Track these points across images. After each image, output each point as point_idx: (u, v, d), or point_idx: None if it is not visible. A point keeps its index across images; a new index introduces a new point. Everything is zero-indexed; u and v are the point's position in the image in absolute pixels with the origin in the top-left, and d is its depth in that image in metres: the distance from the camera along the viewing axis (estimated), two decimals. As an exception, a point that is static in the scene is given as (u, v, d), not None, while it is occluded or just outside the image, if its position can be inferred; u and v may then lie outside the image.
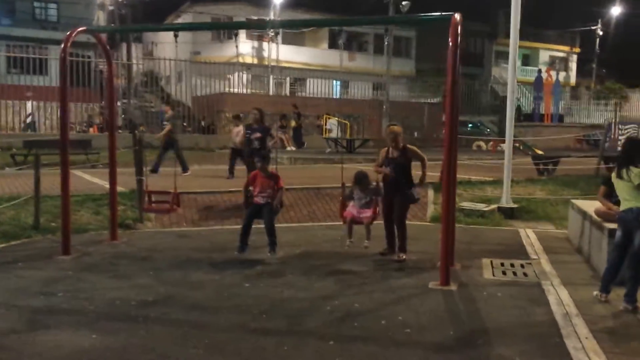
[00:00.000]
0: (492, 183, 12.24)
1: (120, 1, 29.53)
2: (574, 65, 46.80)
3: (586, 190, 11.43)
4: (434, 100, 33.86)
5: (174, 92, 32.54)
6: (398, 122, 8.12)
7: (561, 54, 46.03)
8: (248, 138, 10.03)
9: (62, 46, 6.97)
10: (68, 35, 7.03)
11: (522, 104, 35.83)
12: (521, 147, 21.03)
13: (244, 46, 33.78)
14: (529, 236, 8.43)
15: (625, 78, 41.42)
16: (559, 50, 45.84)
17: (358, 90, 35.15)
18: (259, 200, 6.99)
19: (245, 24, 24.22)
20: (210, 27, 33.09)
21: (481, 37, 41.13)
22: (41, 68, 23.75)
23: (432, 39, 32.15)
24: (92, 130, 23.66)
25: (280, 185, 7.05)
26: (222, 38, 34.48)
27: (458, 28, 5.78)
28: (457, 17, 5.82)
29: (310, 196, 10.83)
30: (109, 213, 8.03)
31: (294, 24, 29.44)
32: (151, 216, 9.09)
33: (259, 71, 33.68)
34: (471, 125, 31.80)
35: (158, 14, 31.54)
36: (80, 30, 7.18)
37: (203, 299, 5.40)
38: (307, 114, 26.47)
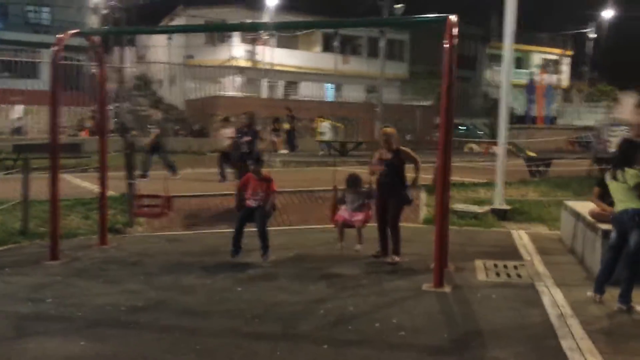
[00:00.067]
0: (485, 185, 12.24)
1: (113, 5, 29.41)
2: (566, 68, 46.99)
3: (578, 191, 11.46)
4: (427, 103, 33.90)
5: (167, 96, 32.47)
6: (391, 125, 8.11)
7: (553, 57, 46.21)
8: (237, 142, 9.99)
9: (54, 49, 6.89)
10: (60, 38, 6.95)
11: (514, 107, 35.94)
12: (514, 150, 21.08)
13: (238, 49, 33.71)
14: (522, 237, 8.42)
15: (616, 80, 41.68)
16: (551, 53, 46.03)
17: (351, 93, 35.15)
18: (251, 203, 6.92)
19: (239, 26, 24.18)
20: (203, 30, 33.04)
21: (474, 41, 41.24)
22: (33, 71, 23.60)
23: (426, 42, 32.27)
24: (84, 134, 23.46)
25: (272, 188, 6.99)
26: (216, 41, 34.38)
27: (454, 30, 5.75)
28: (453, 19, 5.79)
29: (303, 199, 10.79)
30: (99, 217, 7.95)
31: (288, 26, 29.46)
32: (141, 220, 9.00)
33: (253, 74, 33.61)
34: (464, 127, 31.87)
35: (151, 18, 31.33)
36: (72, 33, 7.11)
37: (194, 304, 5.33)
38: (301, 117, 26.41)
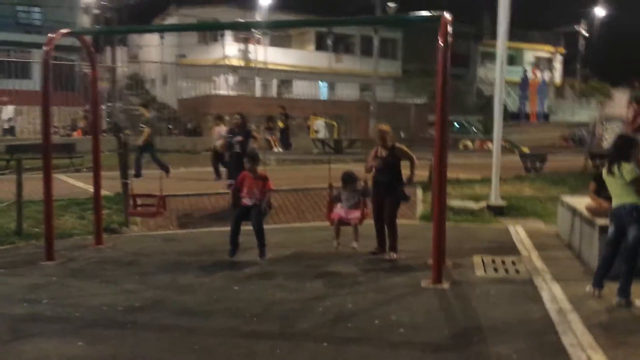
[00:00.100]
0: (481, 182, 12.25)
1: (105, 5, 29.24)
2: (559, 65, 47.14)
3: (574, 187, 11.48)
4: (420, 100, 33.94)
5: (160, 95, 32.32)
6: (385, 122, 8.08)
7: (546, 55, 46.35)
8: (229, 142, 9.94)
9: (45, 49, 6.82)
10: (51, 37, 6.88)
11: (508, 104, 36.04)
12: (507, 146, 21.16)
13: (231, 48, 33.60)
14: (519, 233, 8.41)
15: (608, 77, 41.91)
16: (544, 50, 46.16)
17: (345, 91, 35.13)
18: (247, 202, 6.88)
19: (231, 25, 24.03)
20: (195, 28, 32.79)
21: (467, 39, 41.26)
22: (24, 72, 23.45)
23: (418, 40, 32.25)
24: (76, 133, 23.33)
25: (269, 186, 6.95)
26: (208, 40, 34.25)
27: (448, 27, 5.73)
28: (447, 17, 5.77)
29: (298, 197, 10.75)
30: (94, 217, 7.88)
31: (280, 25, 29.29)
32: (137, 220, 8.95)
33: (246, 73, 33.51)
34: (458, 125, 31.96)
35: (143, 18, 31.25)
36: (63, 32, 7.03)
37: (192, 303, 5.29)
38: (295, 116, 26.36)
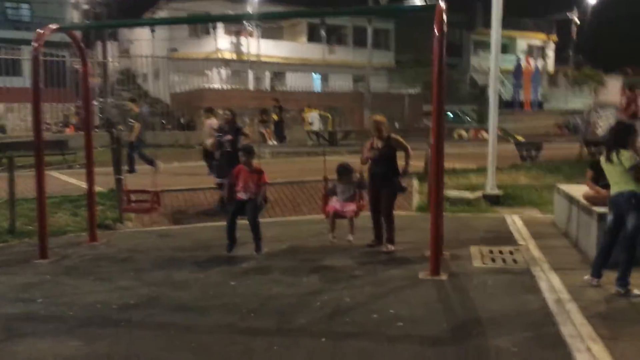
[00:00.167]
0: (476, 171, 12.22)
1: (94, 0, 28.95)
2: (552, 53, 47.11)
3: (569, 175, 11.47)
4: (414, 90, 33.86)
5: (152, 90, 32.09)
6: (380, 113, 8.02)
7: (539, 43, 46.29)
8: (219, 141, 9.74)
9: (35, 45, 6.71)
10: (40, 33, 6.77)
11: (502, 92, 36.03)
12: (502, 135, 21.15)
13: (223, 41, 33.37)
14: (516, 222, 8.40)
15: (601, 64, 41.95)
16: (537, 38, 46.10)
17: (338, 82, 34.99)
18: (242, 196, 6.81)
19: (222, 17, 23.86)
20: (186, 22, 32.52)
21: (459, 28, 41.13)
22: (14, 69, 23.20)
23: (411, 31, 32.12)
24: (69, 130, 23.14)
25: (264, 180, 6.88)
26: (200, 34, 33.99)
27: (443, 16, 5.67)
28: (442, 5, 5.70)
29: (293, 190, 10.70)
30: (88, 214, 7.80)
31: (272, 16, 29.11)
32: (131, 216, 8.88)
33: (238, 66, 33.30)
34: (452, 114, 31.93)
35: (134, 12, 30.94)
36: (52, 28, 6.92)
37: (188, 300, 5.23)
38: (288, 108, 26.23)
